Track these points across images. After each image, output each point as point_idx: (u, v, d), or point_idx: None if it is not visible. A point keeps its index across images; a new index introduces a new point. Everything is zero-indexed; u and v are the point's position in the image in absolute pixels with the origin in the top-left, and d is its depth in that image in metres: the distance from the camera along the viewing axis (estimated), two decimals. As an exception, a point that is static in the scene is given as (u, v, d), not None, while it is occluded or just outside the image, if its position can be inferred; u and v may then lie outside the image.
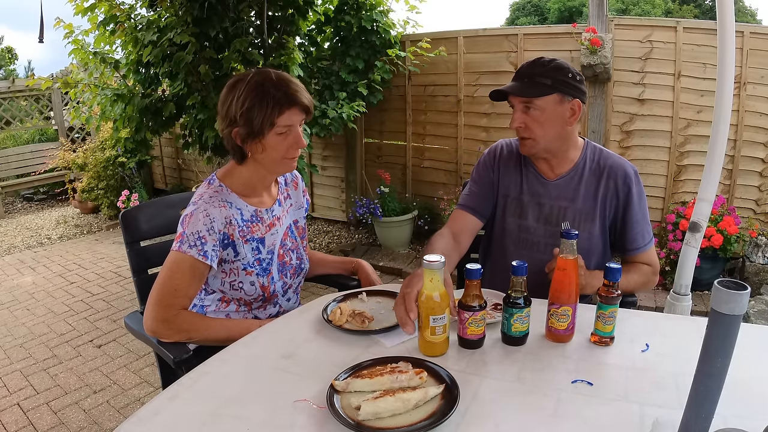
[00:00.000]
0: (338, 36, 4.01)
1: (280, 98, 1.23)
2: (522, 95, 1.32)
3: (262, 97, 1.22)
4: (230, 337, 1.19)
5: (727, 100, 1.67)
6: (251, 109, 1.22)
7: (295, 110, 1.27)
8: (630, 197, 1.37)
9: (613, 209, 1.39)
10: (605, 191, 1.39)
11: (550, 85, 1.30)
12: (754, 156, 3.26)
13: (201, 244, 1.24)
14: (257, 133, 1.25)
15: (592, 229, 1.39)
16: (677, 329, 1.17)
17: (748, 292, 0.58)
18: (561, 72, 1.31)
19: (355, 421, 0.83)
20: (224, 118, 1.28)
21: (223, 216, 1.28)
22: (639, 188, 1.39)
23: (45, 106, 6.79)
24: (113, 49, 3.59)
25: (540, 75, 1.31)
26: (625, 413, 0.85)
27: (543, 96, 1.30)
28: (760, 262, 3.05)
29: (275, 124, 1.24)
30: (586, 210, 1.39)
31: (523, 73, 1.34)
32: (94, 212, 5.86)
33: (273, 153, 1.29)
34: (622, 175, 1.38)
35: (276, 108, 1.23)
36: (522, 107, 1.34)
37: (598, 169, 1.40)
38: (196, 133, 3.49)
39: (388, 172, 4.23)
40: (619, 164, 1.39)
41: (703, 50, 3.21)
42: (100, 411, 2.23)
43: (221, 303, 1.39)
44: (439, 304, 1.01)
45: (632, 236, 1.40)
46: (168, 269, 1.24)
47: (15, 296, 3.56)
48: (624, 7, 26.57)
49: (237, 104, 1.23)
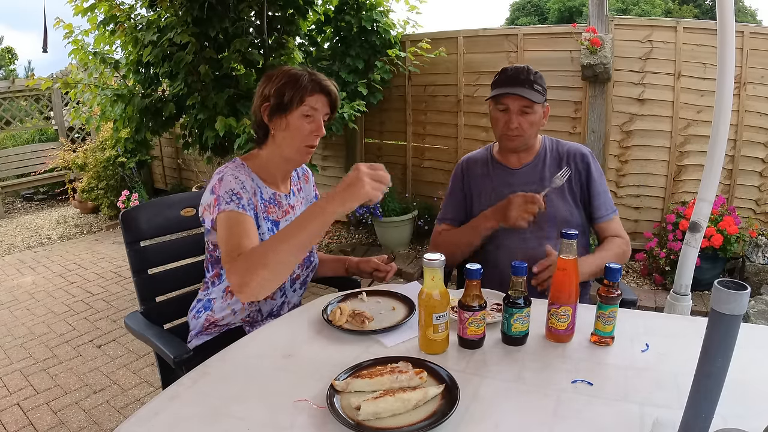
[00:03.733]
0: (338, 36, 4.01)
1: (312, 81, 1.33)
2: (534, 100, 1.46)
3: (297, 78, 1.32)
4: (302, 227, 1.09)
5: (727, 100, 1.67)
6: (285, 85, 1.31)
7: (323, 97, 1.35)
8: (590, 173, 1.56)
9: (578, 185, 1.56)
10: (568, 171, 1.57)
11: (541, 92, 1.49)
12: (754, 156, 3.26)
13: (237, 199, 1.27)
14: (285, 107, 1.32)
15: (563, 200, 1.55)
16: (677, 329, 1.17)
17: (748, 292, 0.58)
18: (544, 81, 1.52)
19: (355, 421, 0.83)
20: (258, 97, 1.37)
21: (249, 185, 1.33)
22: (596, 165, 1.58)
23: (45, 106, 6.79)
24: (113, 49, 3.59)
25: (535, 83, 1.48)
26: (625, 413, 0.85)
27: (540, 102, 1.49)
28: (760, 262, 3.05)
29: (303, 102, 1.32)
30: (555, 189, 1.54)
31: (524, 79, 1.48)
32: (94, 212, 5.86)
33: (294, 134, 1.34)
34: (580, 156, 1.57)
35: (308, 87, 1.32)
36: (520, 110, 1.48)
37: (558, 155, 1.59)
38: (196, 133, 3.49)
39: (388, 172, 4.23)
40: (576, 148, 1.59)
41: (703, 50, 3.21)
42: (100, 411, 2.23)
43: (227, 294, 1.40)
44: (440, 302, 1.02)
45: (597, 206, 1.56)
46: (222, 230, 1.25)
47: (15, 296, 3.57)
48: (624, 7, 26.58)
49: (273, 83, 1.33)
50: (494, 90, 1.51)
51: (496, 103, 1.52)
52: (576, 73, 3.48)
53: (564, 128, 3.66)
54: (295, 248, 1.10)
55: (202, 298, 1.45)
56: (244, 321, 1.44)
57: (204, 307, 1.43)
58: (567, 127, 3.65)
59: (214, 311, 1.41)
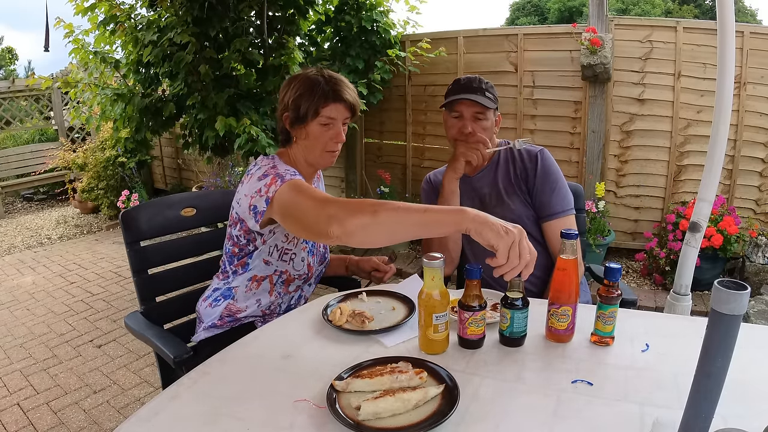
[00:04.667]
0: (338, 36, 4.01)
1: (327, 92, 1.33)
2: (486, 105, 1.52)
3: (313, 88, 1.33)
4: (428, 209, 1.03)
5: (727, 100, 1.67)
6: (301, 97, 1.33)
7: (339, 106, 1.35)
8: (536, 171, 1.58)
9: (525, 183, 1.60)
10: (518, 170, 1.61)
11: (492, 99, 1.55)
12: (754, 156, 3.26)
13: (295, 173, 1.29)
14: (302, 119, 1.34)
15: (515, 201, 1.60)
16: (677, 329, 1.17)
17: (748, 292, 0.58)
18: (495, 90, 1.58)
19: (355, 421, 0.83)
20: (280, 103, 1.40)
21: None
22: (545, 164, 1.58)
23: (45, 106, 6.79)
24: (113, 48, 3.59)
25: (487, 90, 1.54)
26: (625, 413, 0.85)
27: (493, 108, 1.55)
28: (760, 262, 3.05)
29: (319, 114, 1.33)
30: (505, 188, 1.61)
31: (476, 87, 1.53)
32: (94, 212, 5.86)
33: (314, 142, 1.36)
34: (529, 156, 1.60)
35: (322, 99, 1.32)
36: (472, 115, 1.54)
37: (511, 156, 1.63)
38: (196, 133, 3.49)
39: (388, 172, 4.23)
40: (526, 149, 1.62)
41: (703, 50, 3.21)
42: (100, 411, 2.23)
43: (252, 283, 1.42)
44: (440, 302, 1.02)
45: (544, 204, 1.57)
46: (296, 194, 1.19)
47: (15, 296, 3.56)
48: (624, 7, 26.57)
49: (291, 92, 1.35)
50: (448, 98, 1.56)
51: (450, 110, 1.57)
52: (576, 73, 3.48)
53: (564, 128, 3.66)
54: (408, 220, 1.03)
55: (219, 287, 1.45)
56: (264, 313, 1.46)
57: (223, 295, 1.44)
58: (567, 127, 3.65)
59: (236, 300, 1.43)
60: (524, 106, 3.75)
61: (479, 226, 0.97)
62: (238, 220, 1.36)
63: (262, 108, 3.47)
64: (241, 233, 1.38)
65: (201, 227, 2.17)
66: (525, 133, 3.78)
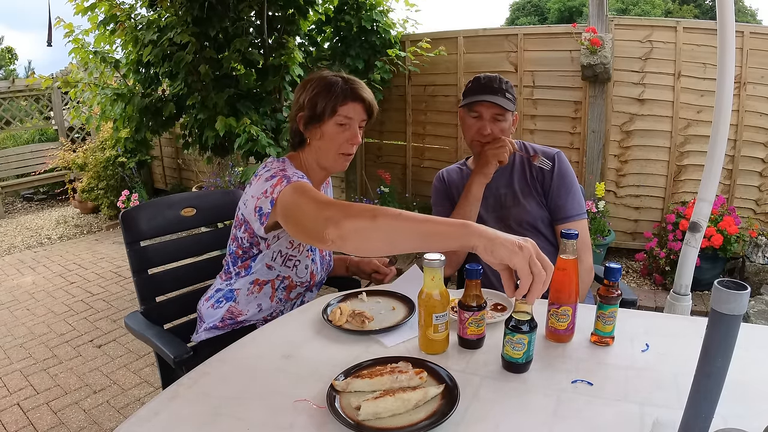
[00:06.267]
0: (338, 36, 4.01)
1: (345, 90, 1.32)
2: (506, 107, 1.50)
3: (331, 87, 1.31)
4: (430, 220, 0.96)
5: (727, 100, 1.67)
6: (318, 95, 1.31)
7: (357, 105, 1.33)
8: (553, 174, 1.57)
9: (541, 185, 1.59)
10: (534, 172, 1.60)
11: (512, 100, 1.53)
12: (754, 156, 3.26)
13: (303, 176, 1.27)
14: (318, 117, 1.31)
15: (531, 203, 1.58)
16: (677, 329, 1.17)
17: (748, 292, 0.58)
18: (514, 90, 1.56)
19: (355, 421, 0.83)
20: (294, 104, 1.38)
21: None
22: (562, 166, 1.58)
23: (45, 106, 6.79)
24: (113, 48, 3.59)
25: (507, 91, 1.52)
26: (625, 413, 0.85)
27: (512, 110, 1.54)
28: (760, 262, 3.05)
29: (336, 112, 1.31)
30: (521, 189, 1.60)
31: (497, 88, 1.52)
32: (94, 212, 5.86)
33: (329, 143, 1.34)
34: (545, 158, 1.59)
35: (340, 97, 1.31)
36: (492, 117, 1.53)
37: (527, 156, 1.61)
38: (196, 133, 3.49)
39: (388, 172, 4.23)
40: (542, 150, 1.61)
41: (703, 50, 3.21)
42: (100, 411, 2.23)
43: (253, 286, 1.41)
44: (440, 302, 1.02)
45: (559, 206, 1.56)
46: (300, 196, 1.16)
47: (15, 296, 3.56)
48: (624, 7, 26.58)
49: (307, 92, 1.33)
50: (467, 98, 1.54)
51: (469, 110, 1.55)
52: (576, 73, 3.48)
53: (564, 128, 3.66)
54: (407, 229, 0.97)
55: (222, 288, 1.44)
56: (266, 319, 1.44)
57: (226, 297, 1.43)
58: (567, 127, 3.65)
59: (238, 302, 1.42)
60: (524, 106, 3.75)
61: (489, 243, 0.87)
62: (244, 221, 1.36)
63: (262, 108, 3.47)
64: (246, 236, 1.37)
65: (201, 227, 2.16)
66: (525, 133, 3.78)
